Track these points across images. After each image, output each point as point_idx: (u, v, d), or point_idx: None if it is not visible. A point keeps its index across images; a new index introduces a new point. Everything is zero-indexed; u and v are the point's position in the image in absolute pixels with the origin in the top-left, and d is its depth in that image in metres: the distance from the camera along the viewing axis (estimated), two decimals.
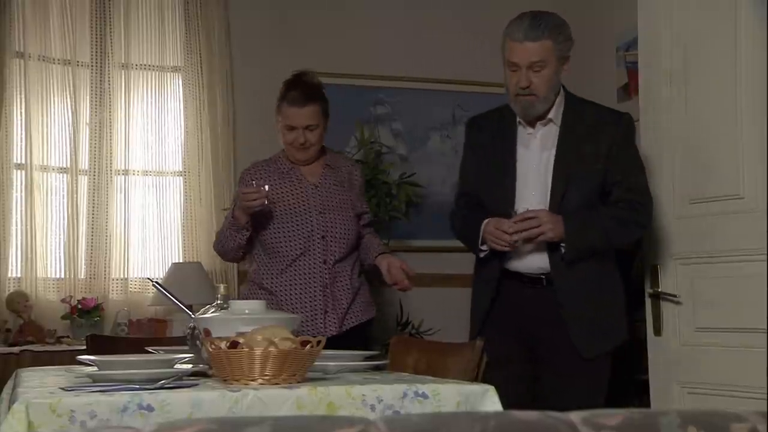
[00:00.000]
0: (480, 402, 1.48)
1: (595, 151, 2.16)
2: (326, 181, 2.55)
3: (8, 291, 3.35)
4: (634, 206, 2.18)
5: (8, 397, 1.63)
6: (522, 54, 2.13)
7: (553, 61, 2.13)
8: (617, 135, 2.18)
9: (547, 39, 2.13)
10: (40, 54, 3.48)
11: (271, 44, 3.83)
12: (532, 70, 2.12)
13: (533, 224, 2.08)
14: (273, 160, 2.59)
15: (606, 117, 2.23)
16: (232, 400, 1.35)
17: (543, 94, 2.14)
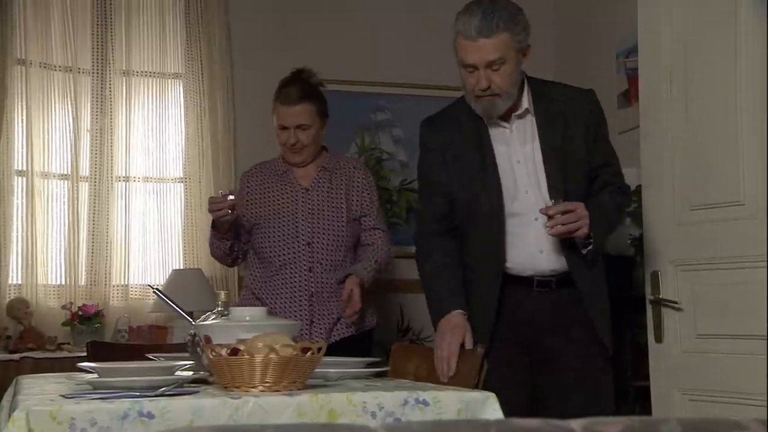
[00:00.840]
0: (481, 409, 1.47)
1: (576, 135, 2.02)
2: (319, 185, 2.50)
3: (9, 298, 3.35)
4: (623, 190, 2.11)
5: (8, 404, 1.62)
6: (477, 53, 1.93)
7: (512, 55, 1.95)
8: (591, 115, 2.06)
9: (503, 32, 1.92)
10: (41, 61, 3.49)
11: (272, 51, 3.83)
12: (490, 68, 1.94)
13: (572, 218, 1.89)
14: (272, 162, 2.57)
15: (575, 97, 2.08)
16: (233, 408, 1.34)
17: (505, 90, 1.96)
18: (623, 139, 3.55)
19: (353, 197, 2.52)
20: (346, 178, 2.52)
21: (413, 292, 3.84)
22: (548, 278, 2.01)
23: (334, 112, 4.00)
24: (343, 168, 2.54)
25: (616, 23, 3.66)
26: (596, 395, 2.02)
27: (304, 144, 2.45)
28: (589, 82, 3.90)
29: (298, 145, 2.45)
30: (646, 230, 2.41)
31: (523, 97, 2.04)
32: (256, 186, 2.55)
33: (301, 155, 2.47)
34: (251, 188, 2.55)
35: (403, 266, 3.91)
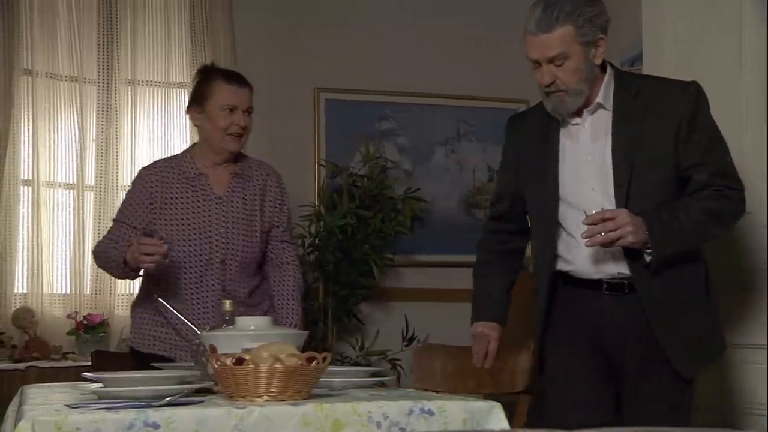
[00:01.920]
0: (486, 419, 1.47)
1: (661, 131, 1.86)
2: (234, 194, 2.27)
3: (14, 307, 3.35)
4: (725, 193, 1.86)
5: (14, 414, 1.63)
6: (538, 48, 1.85)
7: (577, 50, 1.84)
8: (685, 109, 1.86)
9: (564, 25, 1.82)
10: (47, 71, 3.51)
11: (276, 60, 3.85)
12: (553, 64, 1.85)
13: (610, 227, 1.77)
14: (178, 161, 2.28)
15: (669, 90, 1.91)
16: (238, 417, 1.34)
17: (572, 87, 1.86)
18: None
19: (266, 207, 2.33)
20: (260, 186, 2.32)
21: (417, 300, 3.84)
22: (619, 281, 1.89)
23: (339, 120, 4.03)
24: (256, 175, 2.33)
25: (621, 31, 3.65)
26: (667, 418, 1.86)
27: (248, 131, 2.25)
28: None
29: (246, 130, 2.23)
30: None
31: (600, 91, 1.91)
32: (161, 188, 2.23)
33: (240, 143, 2.26)
34: (155, 190, 2.24)
35: (408, 275, 3.91)
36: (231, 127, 2.21)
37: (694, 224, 1.84)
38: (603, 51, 1.88)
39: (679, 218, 1.84)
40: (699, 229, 1.86)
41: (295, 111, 3.86)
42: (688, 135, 1.86)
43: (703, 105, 1.90)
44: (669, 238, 1.82)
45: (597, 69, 1.89)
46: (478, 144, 4.10)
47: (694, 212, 1.85)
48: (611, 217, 1.78)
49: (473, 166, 4.04)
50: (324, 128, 3.89)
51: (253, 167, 2.35)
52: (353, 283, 3.53)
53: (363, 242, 3.52)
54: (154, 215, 2.23)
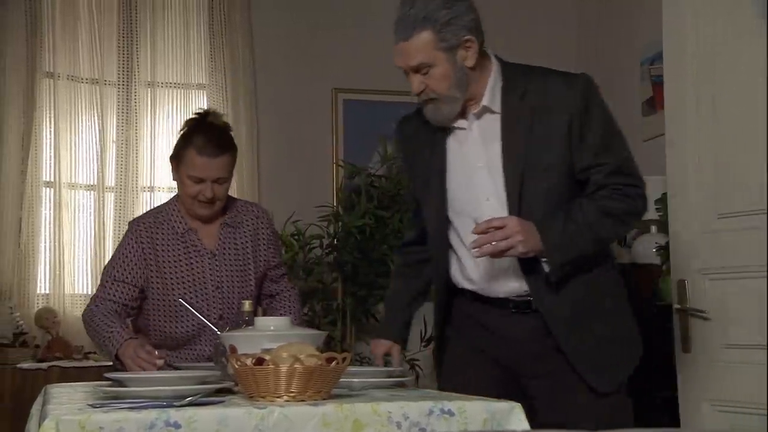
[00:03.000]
0: (506, 419, 1.46)
1: (551, 133, 1.73)
2: (226, 247, 2.21)
3: (37, 307, 3.39)
4: (625, 191, 1.75)
5: (38, 413, 1.64)
6: (400, 56, 1.73)
7: (440, 56, 1.70)
8: (574, 106, 1.73)
9: (421, 32, 1.69)
10: (68, 74, 3.55)
11: (295, 61, 3.86)
12: (421, 73, 1.72)
13: (498, 236, 1.64)
14: (167, 215, 2.21)
15: (555, 87, 1.76)
16: (258, 417, 1.35)
17: (443, 94, 1.73)
18: (648, 147, 3.53)
19: (260, 253, 2.26)
20: (251, 232, 2.25)
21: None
22: (526, 298, 1.78)
23: (357, 121, 4.04)
24: (246, 220, 2.26)
25: (641, 30, 3.64)
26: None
27: (219, 198, 2.15)
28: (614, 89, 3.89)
29: (214, 199, 2.14)
30: (672, 238, 2.39)
31: (485, 94, 1.77)
32: (151, 244, 2.17)
33: (212, 209, 2.16)
34: (146, 246, 2.17)
35: None
36: (199, 196, 2.15)
37: (591, 226, 1.72)
38: (475, 52, 1.73)
39: (575, 220, 1.71)
40: (597, 230, 1.73)
41: (313, 112, 3.87)
42: (580, 135, 1.74)
43: (594, 98, 1.76)
44: (565, 243, 1.70)
45: (473, 71, 1.75)
46: None
47: (591, 213, 1.72)
48: (500, 225, 1.65)
49: None
50: (342, 129, 3.90)
51: (241, 212, 2.28)
52: (372, 283, 3.53)
53: (381, 242, 3.52)
54: (150, 271, 2.17)
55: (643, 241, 3.35)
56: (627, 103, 3.75)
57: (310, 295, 3.56)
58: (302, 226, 3.56)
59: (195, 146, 2.13)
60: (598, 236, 1.76)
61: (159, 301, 2.18)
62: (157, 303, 2.18)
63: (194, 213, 2.19)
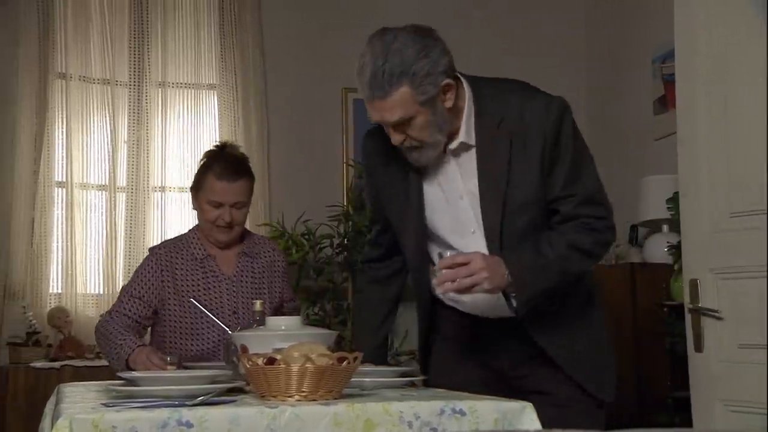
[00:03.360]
0: (518, 419, 1.46)
1: (528, 162, 1.70)
2: (242, 273, 2.29)
3: (49, 307, 3.41)
4: (593, 225, 1.72)
5: (51, 412, 1.65)
6: (377, 114, 1.65)
7: (420, 109, 1.63)
8: (548, 132, 1.69)
9: (399, 88, 1.60)
10: (80, 74, 3.57)
11: (305, 62, 3.87)
12: (401, 127, 1.66)
13: (462, 273, 1.60)
14: (186, 242, 2.30)
15: (530, 112, 1.71)
16: (270, 417, 1.35)
17: (427, 140, 1.68)
18: (660, 146, 3.52)
19: (275, 284, 2.34)
20: (267, 263, 2.33)
21: None
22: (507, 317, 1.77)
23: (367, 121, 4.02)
24: (262, 252, 2.34)
25: (652, 28, 3.62)
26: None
27: (237, 222, 2.24)
28: (625, 87, 3.88)
29: (232, 223, 2.23)
30: (684, 238, 2.38)
31: (461, 129, 1.71)
32: (170, 268, 2.24)
33: (231, 234, 2.25)
34: (165, 270, 2.24)
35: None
36: (218, 220, 2.23)
37: (560, 261, 1.69)
38: (453, 92, 1.68)
39: (545, 255, 1.68)
40: (565, 265, 1.71)
41: (323, 111, 3.88)
42: (551, 163, 1.71)
43: (566, 124, 1.72)
44: (530, 278, 1.66)
45: (451, 110, 1.69)
46: None
47: (560, 248, 1.69)
48: (464, 261, 1.61)
49: None
50: (352, 128, 3.90)
51: (258, 244, 2.37)
52: None
53: None
54: (166, 293, 2.23)
55: (654, 240, 3.34)
56: (638, 101, 3.74)
57: (321, 295, 3.57)
58: (312, 226, 3.56)
59: (214, 172, 2.22)
60: (566, 271, 1.72)
61: (176, 322, 2.23)
62: (174, 324, 2.24)
63: (213, 239, 2.27)
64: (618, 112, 3.93)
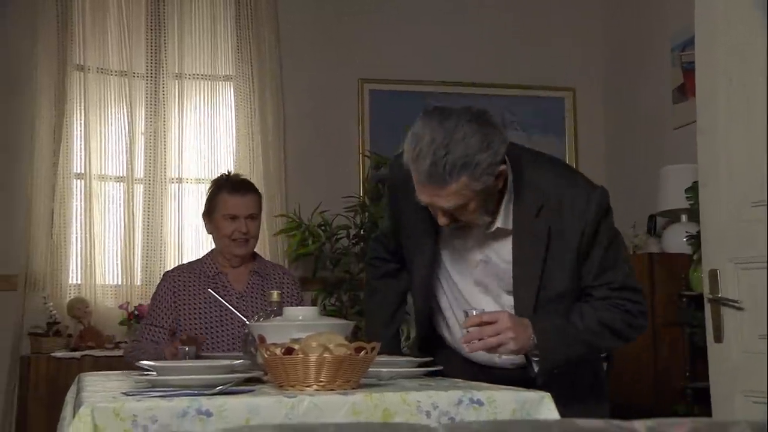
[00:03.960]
0: (536, 409, 1.46)
1: (566, 252, 1.72)
2: (252, 290, 2.41)
3: (69, 297, 3.45)
4: (626, 307, 1.74)
5: (72, 400, 1.67)
6: (430, 198, 1.64)
7: (474, 196, 1.63)
8: (587, 222, 1.71)
9: (459, 179, 1.58)
10: (98, 66, 3.59)
11: (321, 52, 3.87)
12: (453, 211, 1.66)
13: (488, 332, 1.61)
14: (199, 263, 2.46)
15: (575, 199, 1.72)
16: (288, 406, 1.36)
17: (476, 221, 1.70)
18: (679, 135, 3.48)
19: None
20: (277, 284, 2.43)
21: None
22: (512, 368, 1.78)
23: (383, 111, 4.04)
24: (273, 274, 2.47)
25: (671, 15, 3.58)
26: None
27: (252, 235, 2.40)
28: (644, 76, 3.84)
29: (248, 235, 2.38)
30: (703, 227, 2.36)
31: (500, 214, 1.72)
32: (184, 289, 2.39)
33: (247, 247, 2.40)
34: (179, 290, 2.39)
35: None
36: (234, 233, 2.38)
37: (589, 334, 1.71)
38: (504, 176, 1.68)
39: (575, 326, 1.70)
40: (593, 340, 1.73)
41: (339, 102, 3.87)
42: (587, 251, 1.72)
43: (606, 215, 1.73)
44: (557, 348, 1.68)
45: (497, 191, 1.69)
46: (522, 133, 4.05)
47: (590, 322, 1.71)
48: (491, 320, 1.62)
49: None
50: (368, 119, 3.89)
51: (269, 267, 2.52)
52: None
53: None
54: (180, 314, 2.36)
55: (673, 230, 3.31)
56: (657, 90, 3.70)
57: (337, 286, 3.57)
58: (329, 217, 3.57)
59: (226, 190, 2.42)
60: (592, 344, 1.75)
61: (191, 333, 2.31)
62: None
63: (231, 253, 2.41)
64: (636, 101, 3.90)
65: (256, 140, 3.70)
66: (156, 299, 2.40)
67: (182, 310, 2.37)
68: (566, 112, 4.11)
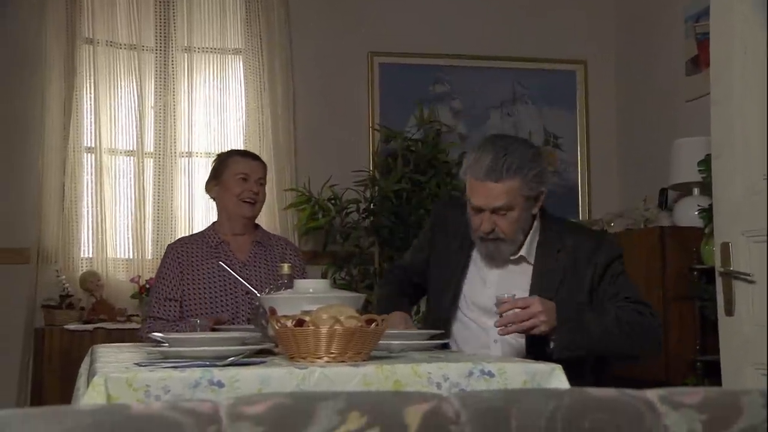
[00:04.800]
0: (547, 381, 1.46)
1: (578, 286, 1.94)
2: (255, 259, 2.43)
3: (81, 271, 3.47)
4: (641, 310, 1.91)
5: (86, 371, 1.69)
6: (484, 196, 1.88)
7: (520, 202, 1.89)
8: (598, 263, 1.94)
9: (513, 178, 1.86)
10: (107, 40, 3.58)
11: (330, 25, 3.84)
12: (497, 213, 1.89)
13: (522, 316, 1.77)
14: (201, 235, 2.49)
15: (586, 246, 1.97)
16: (300, 377, 1.37)
17: (510, 236, 1.92)
18: (691, 107, 3.45)
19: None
20: (279, 254, 2.46)
21: None
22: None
23: (393, 85, 4.01)
24: (276, 245, 2.50)
25: None
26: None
27: (260, 199, 2.44)
28: (656, 48, 3.80)
29: (259, 197, 2.43)
30: (716, 200, 2.34)
31: (525, 244, 1.97)
32: (188, 260, 2.40)
33: (255, 210, 2.44)
34: (183, 262, 2.40)
35: None
36: (244, 194, 2.40)
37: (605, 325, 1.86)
38: (541, 203, 1.96)
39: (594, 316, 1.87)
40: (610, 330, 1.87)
41: (348, 76, 3.85)
42: (598, 283, 1.95)
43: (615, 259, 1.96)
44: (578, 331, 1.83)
45: (531, 221, 1.96)
46: (533, 106, 4.03)
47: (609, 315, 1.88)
48: (524, 306, 1.78)
49: (529, 129, 3.98)
50: (378, 93, 3.87)
51: (272, 238, 2.54)
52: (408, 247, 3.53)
53: (418, 207, 3.52)
54: (185, 285, 2.38)
55: (684, 203, 3.29)
56: (670, 62, 3.66)
57: (347, 260, 3.58)
58: (339, 191, 3.57)
59: (237, 154, 2.50)
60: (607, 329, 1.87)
61: (196, 306, 2.35)
62: (195, 310, 2.35)
63: (239, 214, 2.42)
64: (649, 73, 3.86)
65: (266, 114, 3.69)
66: (163, 273, 2.41)
67: (187, 280, 2.38)
68: (577, 84, 4.07)
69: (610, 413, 0.64)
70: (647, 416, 0.64)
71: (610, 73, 4.08)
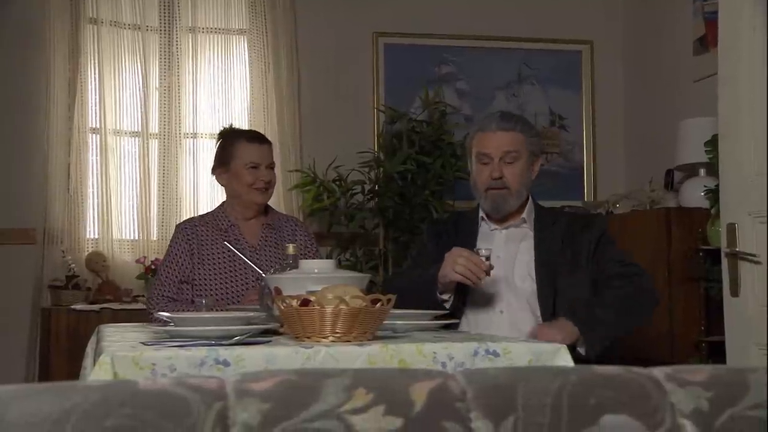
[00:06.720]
0: (552, 361, 1.46)
1: (575, 258, 2.08)
2: (266, 243, 2.39)
3: (87, 251, 3.48)
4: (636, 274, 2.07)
5: (93, 351, 1.70)
6: (495, 143, 2.09)
7: (524, 155, 2.11)
8: (593, 236, 2.11)
9: (520, 132, 2.12)
10: (111, 20, 3.56)
11: (335, 5, 3.81)
12: (504, 161, 2.09)
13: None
14: (212, 216, 2.43)
15: (578, 225, 2.15)
16: (305, 356, 1.37)
17: (516, 188, 2.10)
18: (699, 87, 3.42)
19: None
20: (289, 236, 2.43)
21: None
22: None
23: (398, 66, 3.99)
24: (286, 227, 2.46)
25: None
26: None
27: (271, 185, 2.40)
28: (664, 27, 3.77)
29: (271, 183, 2.38)
30: (722, 181, 2.33)
31: (525, 210, 2.15)
32: (197, 242, 2.36)
33: (266, 195, 2.40)
34: (193, 243, 2.36)
35: None
36: (256, 183, 2.36)
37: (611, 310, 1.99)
38: (537, 172, 2.16)
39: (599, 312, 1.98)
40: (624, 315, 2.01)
41: (353, 56, 3.83)
42: (596, 254, 2.09)
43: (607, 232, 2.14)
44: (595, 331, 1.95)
45: (529, 186, 2.15)
46: (539, 87, 4.01)
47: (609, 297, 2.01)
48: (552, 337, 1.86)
49: (535, 110, 3.96)
50: (383, 73, 3.85)
51: (282, 219, 2.50)
52: (413, 228, 3.54)
53: (423, 188, 3.51)
54: (195, 265, 2.33)
55: (690, 184, 3.28)
56: (677, 41, 3.63)
57: (352, 241, 3.58)
58: (344, 172, 3.56)
59: (244, 138, 2.40)
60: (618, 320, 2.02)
61: (205, 290, 2.31)
62: (204, 293, 2.31)
63: (252, 201, 2.38)
64: (656, 53, 3.83)
65: (271, 95, 3.68)
66: (171, 253, 2.35)
67: (197, 261, 2.35)
68: (583, 65, 4.05)
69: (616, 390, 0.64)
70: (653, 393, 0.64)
71: (616, 54, 4.05)
